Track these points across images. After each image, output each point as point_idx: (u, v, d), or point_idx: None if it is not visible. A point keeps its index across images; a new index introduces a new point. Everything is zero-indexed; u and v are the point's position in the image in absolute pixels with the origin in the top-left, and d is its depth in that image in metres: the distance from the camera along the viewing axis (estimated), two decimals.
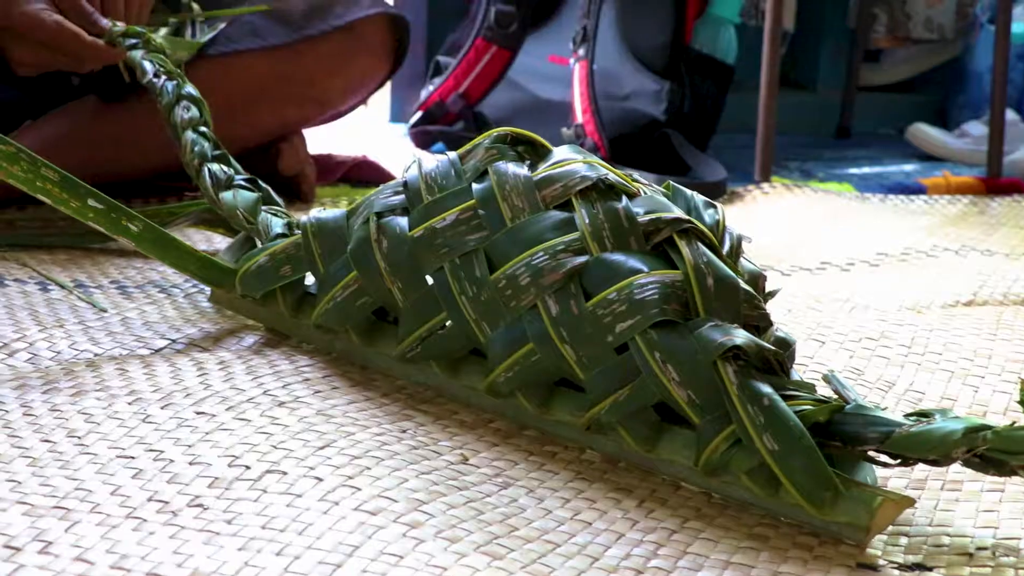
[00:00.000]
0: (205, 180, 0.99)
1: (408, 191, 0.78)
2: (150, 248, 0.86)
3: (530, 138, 0.77)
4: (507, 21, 1.83)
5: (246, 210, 0.93)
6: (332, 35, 1.38)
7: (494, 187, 0.73)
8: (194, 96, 1.05)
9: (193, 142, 1.01)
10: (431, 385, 0.77)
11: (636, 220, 0.70)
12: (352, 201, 1.45)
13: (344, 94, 1.44)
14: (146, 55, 1.09)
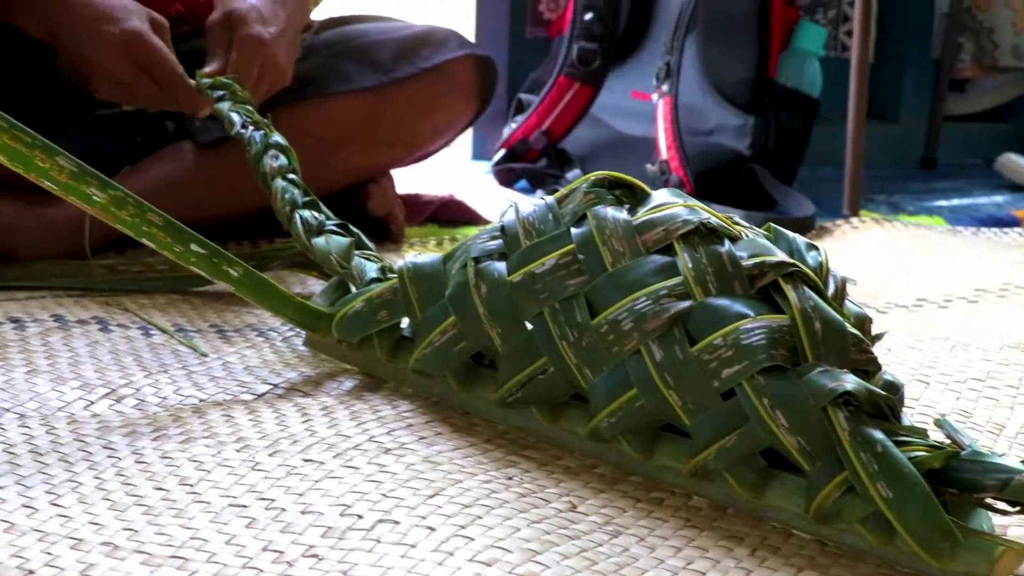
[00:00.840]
0: (297, 227, 1.00)
1: (506, 236, 0.78)
2: (249, 293, 0.88)
3: (628, 181, 0.77)
4: (590, 58, 1.84)
5: (339, 255, 0.94)
6: (421, 77, 1.40)
7: (593, 231, 0.73)
8: (281, 144, 1.07)
9: (283, 190, 1.02)
10: (531, 430, 0.77)
11: (740, 264, 0.69)
12: (441, 241, 1.48)
13: (433, 135, 1.46)
14: (233, 107, 1.11)
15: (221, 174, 1.31)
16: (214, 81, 1.15)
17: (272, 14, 1.23)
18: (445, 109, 1.44)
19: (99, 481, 0.67)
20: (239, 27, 1.20)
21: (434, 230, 1.52)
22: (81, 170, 0.80)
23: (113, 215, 0.81)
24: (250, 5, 1.21)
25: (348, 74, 1.37)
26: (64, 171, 0.79)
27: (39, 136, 0.79)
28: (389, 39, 1.41)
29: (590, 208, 0.74)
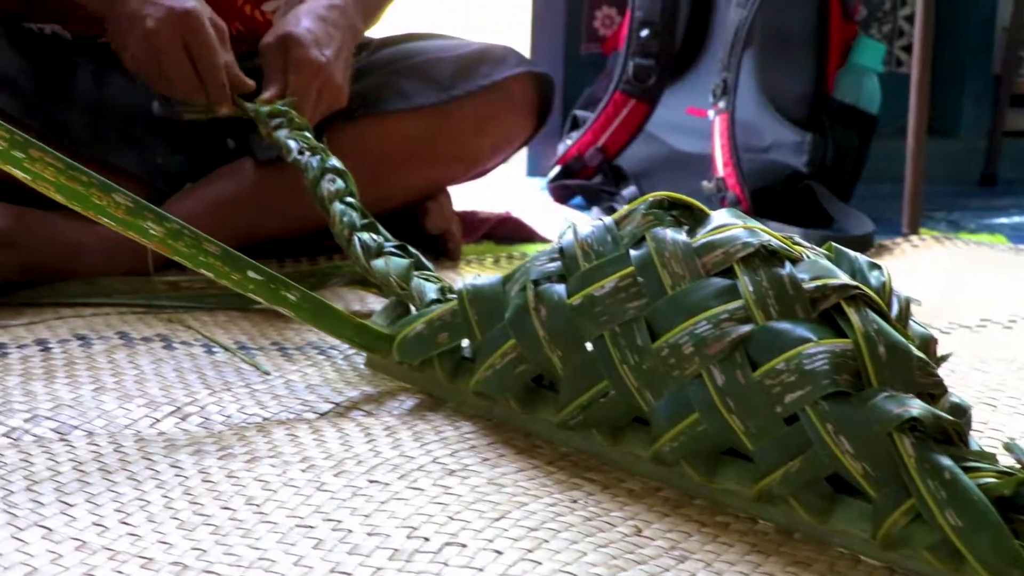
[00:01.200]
0: (356, 249, 1.01)
1: (564, 258, 0.78)
2: (308, 317, 0.88)
3: (687, 202, 0.77)
4: (645, 75, 1.84)
5: (398, 277, 0.95)
6: (479, 95, 1.40)
7: (653, 254, 0.73)
8: (338, 168, 1.08)
9: (341, 213, 1.04)
10: (592, 452, 0.77)
11: (801, 287, 0.69)
12: (497, 259, 1.48)
13: (490, 153, 1.46)
14: (290, 133, 1.13)
15: (281, 192, 1.32)
16: (271, 108, 1.16)
17: (327, 36, 1.25)
18: (503, 126, 1.45)
19: (167, 500, 0.68)
20: (295, 50, 1.21)
21: (491, 247, 1.52)
22: (137, 205, 0.81)
23: (171, 247, 0.83)
24: (305, 28, 1.23)
25: (407, 92, 1.38)
26: (120, 207, 0.81)
27: (94, 174, 0.80)
28: (447, 57, 1.42)
29: (649, 230, 0.74)
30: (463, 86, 1.40)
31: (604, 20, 2.06)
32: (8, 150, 0.78)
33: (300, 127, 1.15)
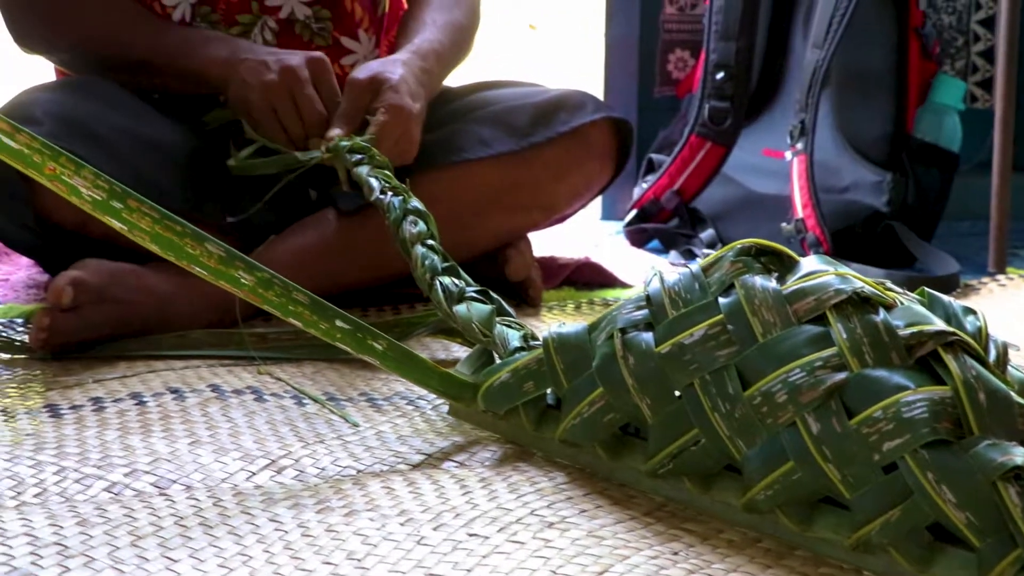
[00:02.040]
0: (438, 294, 1.01)
1: (651, 306, 0.78)
2: (394, 366, 0.89)
3: (775, 249, 0.77)
4: (721, 118, 1.83)
5: (481, 323, 0.95)
6: (558, 141, 1.41)
7: (742, 301, 0.73)
8: (420, 210, 1.09)
9: (423, 256, 1.04)
10: (682, 500, 0.77)
11: (897, 334, 0.68)
12: (578, 305, 1.48)
13: (570, 199, 1.47)
14: (372, 171, 1.13)
15: (363, 241, 1.34)
16: (353, 144, 1.17)
17: (417, 89, 1.28)
18: (582, 172, 1.45)
19: (268, 555, 0.69)
20: (388, 93, 1.24)
21: (571, 293, 1.52)
22: (229, 254, 0.83)
23: (261, 297, 0.84)
24: (401, 76, 1.26)
25: (487, 139, 1.40)
26: (213, 256, 0.82)
27: (188, 224, 0.82)
28: (526, 104, 1.43)
29: (738, 277, 0.74)
30: (542, 133, 1.41)
31: (677, 63, 2.06)
32: (107, 200, 0.80)
33: (381, 165, 1.16)
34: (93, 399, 1.01)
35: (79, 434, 0.92)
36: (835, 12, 1.71)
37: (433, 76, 1.35)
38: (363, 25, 1.49)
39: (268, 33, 1.44)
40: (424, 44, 1.34)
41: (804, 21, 1.86)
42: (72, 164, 0.80)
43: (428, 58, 1.33)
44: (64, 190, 0.80)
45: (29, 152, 0.79)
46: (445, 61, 1.37)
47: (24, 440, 0.91)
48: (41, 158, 0.79)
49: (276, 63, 1.25)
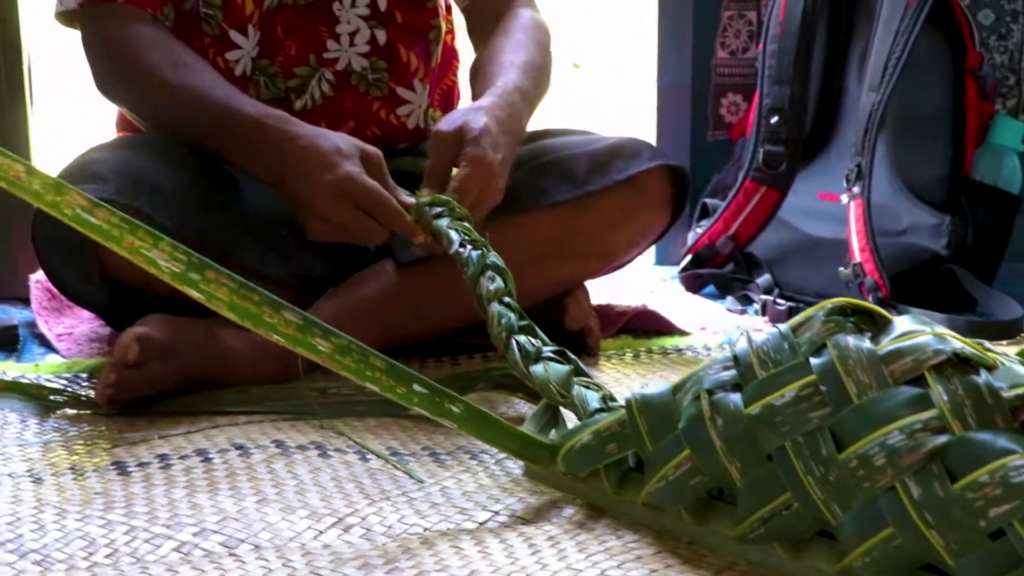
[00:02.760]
0: (514, 353, 1.00)
1: (739, 366, 0.76)
2: (471, 429, 0.88)
3: (868, 309, 0.75)
4: (776, 162, 1.82)
5: (559, 384, 0.94)
6: (615, 189, 1.40)
7: (836, 361, 0.71)
8: (498, 266, 1.08)
9: (500, 314, 1.03)
10: (771, 565, 0.75)
11: (1001, 396, 0.66)
12: (637, 354, 1.46)
13: (628, 247, 1.46)
14: (451, 224, 1.12)
15: (421, 293, 1.33)
16: (433, 198, 1.16)
17: (500, 140, 1.26)
18: (640, 220, 1.44)
19: None
20: (471, 146, 1.23)
21: (629, 341, 1.51)
22: (306, 322, 0.82)
23: (338, 363, 0.83)
24: (484, 125, 1.24)
25: (545, 189, 1.39)
26: (291, 324, 0.82)
27: (264, 292, 0.82)
28: (583, 152, 1.43)
29: (830, 337, 0.72)
30: (599, 181, 1.40)
31: (730, 107, 2.05)
32: (185, 272, 0.79)
33: (461, 217, 1.15)
34: (159, 456, 1.01)
35: (147, 492, 0.92)
36: (891, 55, 1.70)
37: (518, 119, 1.33)
38: (418, 75, 1.49)
39: (325, 85, 1.45)
40: (509, 86, 1.32)
41: (858, 64, 1.84)
42: (150, 237, 0.80)
43: (512, 101, 1.31)
44: (143, 262, 0.80)
45: (108, 227, 0.79)
46: (529, 101, 1.35)
47: (93, 499, 0.90)
48: (120, 232, 0.79)
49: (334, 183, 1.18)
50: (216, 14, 1.39)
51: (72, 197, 0.79)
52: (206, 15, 1.39)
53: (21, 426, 1.11)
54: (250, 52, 1.41)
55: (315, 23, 1.43)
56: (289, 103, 1.44)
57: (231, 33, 1.39)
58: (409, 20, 1.48)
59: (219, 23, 1.39)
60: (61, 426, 1.11)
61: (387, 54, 1.47)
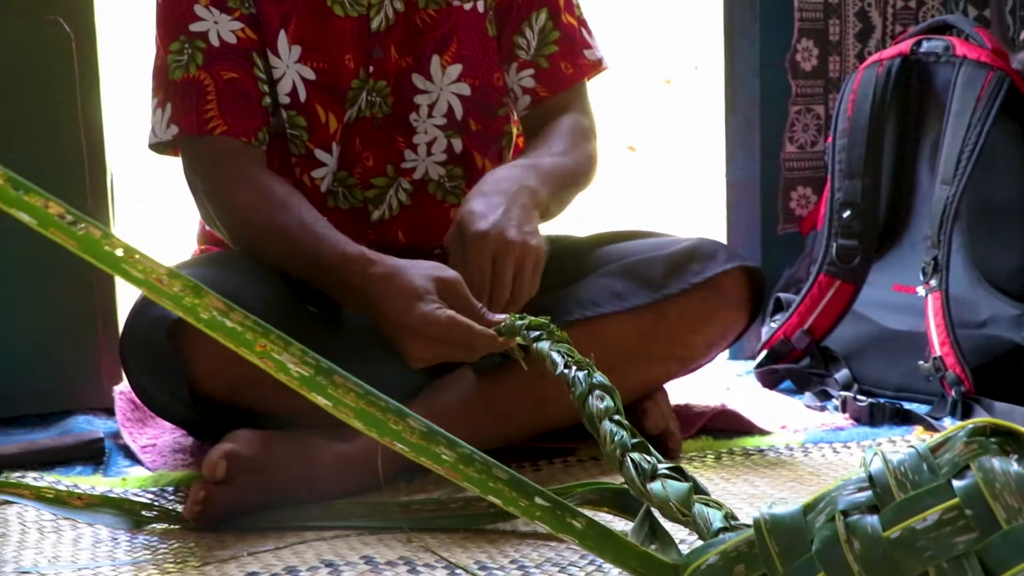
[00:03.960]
0: (630, 471, 0.98)
1: (875, 487, 0.74)
2: (593, 545, 0.86)
3: (1012, 430, 0.72)
4: (850, 256, 1.80)
5: (679, 502, 0.91)
6: (692, 292, 1.39)
7: (981, 485, 0.69)
8: (605, 385, 1.07)
9: (612, 433, 1.01)
10: None
11: None
12: (719, 456, 1.44)
13: (706, 349, 1.44)
14: (553, 346, 1.12)
15: (500, 400, 1.32)
16: (529, 321, 1.16)
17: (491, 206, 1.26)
18: (718, 322, 1.42)
19: None
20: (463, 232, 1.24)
21: (709, 443, 1.48)
22: (430, 431, 0.81)
23: (461, 473, 0.82)
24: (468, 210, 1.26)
25: (621, 293, 1.38)
26: (415, 432, 0.81)
27: (390, 400, 0.81)
28: (658, 256, 1.42)
29: (973, 459, 0.70)
30: (676, 285, 1.39)
31: (800, 200, 2.04)
32: (314, 376, 0.79)
33: (561, 339, 1.14)
34: (250, 574, 0.99)
35: None
36: (963, 148, 1.69)
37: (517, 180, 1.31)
38: None
39: (402, 194, 1.46)
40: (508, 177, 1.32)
41: (930, 155, 1.83)
42: (281, 341, 0.80)
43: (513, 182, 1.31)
44: (272, 367, 0.79)
45: (242, 330, 0.78)
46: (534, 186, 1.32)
47: None
48: (253, 336, 0.79)
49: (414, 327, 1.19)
50: (302, 134, 1.41)
51: (209, 300, 0.79)
52: (292, 136, 1.41)
53: (112, 544, 1.10)
54: (332, 167, 1.43)
55: (392, 134, 1.45)
56: (367, 213, 1.45)
57: (316, 152, 1.42)
58: (484, 127, 1.49)
59: (304, 143, 1.41)
60: (151, 543, 1.10)
61: (463, 161, 1.48)
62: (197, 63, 1.36)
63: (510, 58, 1.49)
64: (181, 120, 1.35)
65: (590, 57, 1.52)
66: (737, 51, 2.03)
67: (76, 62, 1.60)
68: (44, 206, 0.71)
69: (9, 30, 1.57)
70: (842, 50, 2.05)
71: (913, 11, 2.08)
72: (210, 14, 1.37)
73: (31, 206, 0.71)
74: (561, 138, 1.44)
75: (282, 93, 1.40)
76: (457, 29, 1.46)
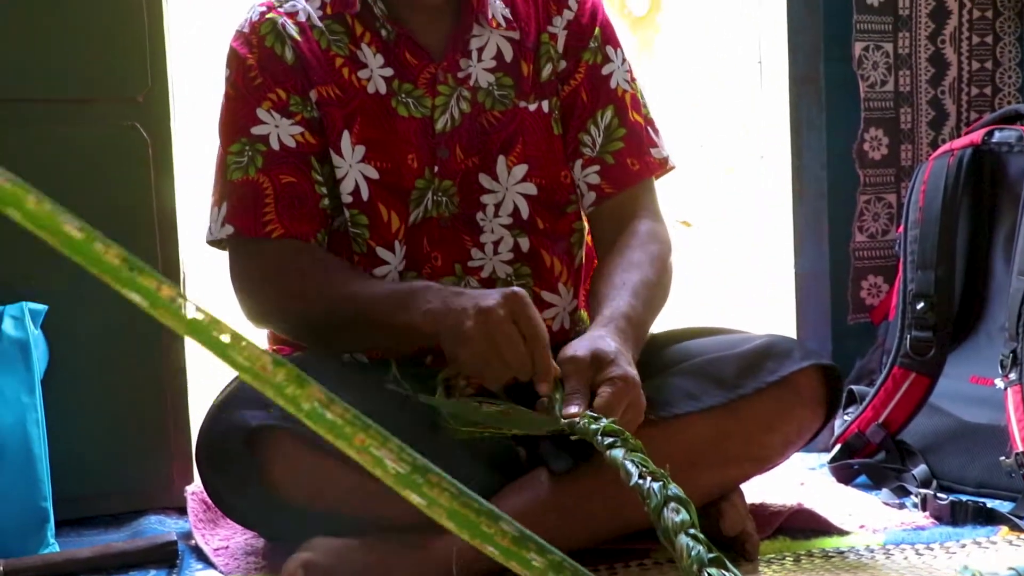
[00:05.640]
0: None
1: None
2: None
3: None
4: (925, 348, 1.77)
5: None
6: (767, 391, 1.37)
7: None
8: (681, 497, 1.05)
9: (688, 548, 1.00)
10: None
11: None
12: (797, 558, 1.40)
13: (782, 448, 1.42)
14: (627, 455, 1.11)
15: (576, 502, 1.31)
16: (605, 427, 1.15)
17: (630, 353, 1.27)
18: (794, 421, 1.40)
19: None
20: (610, 367, 1.22)
21: (787, 544, 1.45)
22: (522, 535, 0.80)
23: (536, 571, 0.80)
24: (615, 346, 1.25)
25: (695, 393, 1.37)
26: (507, 536, 0.79)
27: (483, 502, 0.80)
28: (731, 354, 1.40)
29: None
30: (750, 384, 1.37)
31: (871, 289, 2.02)
32: (410, 474, 0.78)
33: (635, 448, 1.13)
34: None
35: None
36: None
37: (640, 327, 1.34)
38: (562, 279, 1.50)
39: None
40: (617, 313, 1.33)
41: (1004, 245, 1.80)
42: (379, 436, 0.79)
43: (620, 327, 1.31)
44: (370, 461, 0.79)
45: (342, 423, 0.79)
46: (637, 323, 1.34)
47: None
48: (352, 430, 0.78)
49: (474, 309, 1.23)
50: (363, 232, 1.42)
51: (311, 391, 0.79)
52: (354, 234, 1.43)
53: None
54: (397, 266, 1.44)
55: (459, 233, 1.46)
56: None
57: (378, 250, 1.43)
58: (551, 226, 1.49)
59: (366, 241, 1.43)
60: None
61: (531, 260, 1.48)
62: (256, 165, 1.38)
63: (576, 155, 1.50)
64: (237, 220, 1.38)
65: (657, 155, 1.52)
66: (804, 142, 2.03)
67: (152, 165, 1.64)
68: (157, 288, 0.72)
69: (91, 136, 1.63)
70: (914, 138, 2.03)
71: (988, 98, 2.06)
72: (272, 118, 1.39)
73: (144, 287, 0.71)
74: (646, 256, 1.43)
75: (344, 192, 1.41)
76: (522, 129, 1.47)
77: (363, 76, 1.43)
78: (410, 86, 1.44)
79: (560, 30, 1.50)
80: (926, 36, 2.04)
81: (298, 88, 1.41)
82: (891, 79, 2.02)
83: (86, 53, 1.61)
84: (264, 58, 1.41)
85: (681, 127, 2.71)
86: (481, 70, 1.46)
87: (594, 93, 1.50)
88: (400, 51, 1.44)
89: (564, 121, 1.50)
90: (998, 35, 2.07)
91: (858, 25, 2.01)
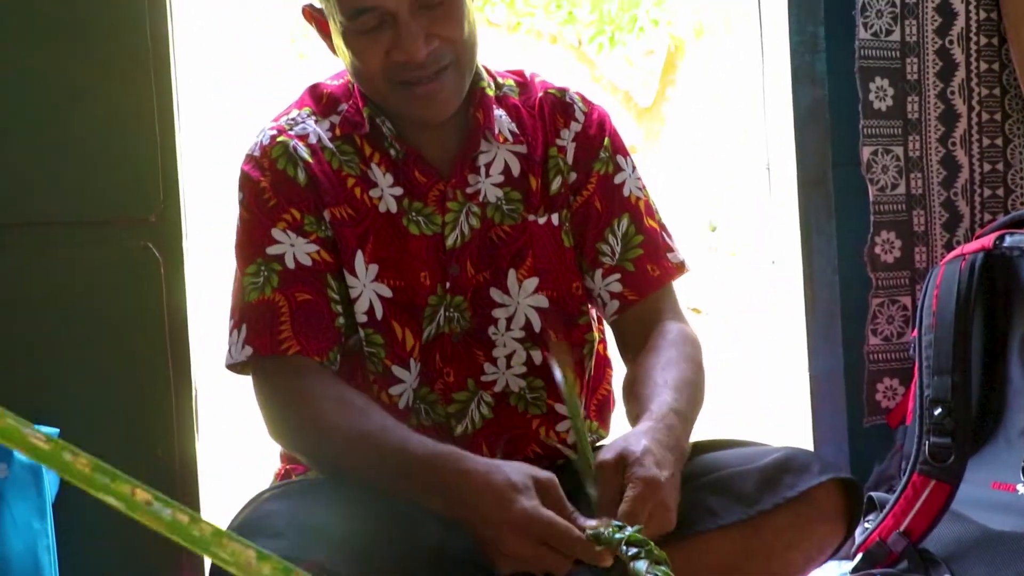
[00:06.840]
0: None
1: None
2: None
3: None
4: (944, 454, 1.75)
5: None
6: (787, 507, 1.35)
7: None
8: None
9: None
10: None
11: None
12: None
13: (804, 564, 1.39)
14: (650, 567, 1.09)
15: None
16: (628, 536, 1.14)
17: (664, 458, 1.24)
18: (815, 537, 1.38)
19: None
20: (634, 467, 1.20)
21: None
22: None
23: None
24: (644, 447, 1.23)
25: (714, 509, 1.34)
26: None
27: None
28: (750, 469, 1.38)
29: None
30: (769, 499, 1.35)
31: (887, 392, 2.00)
32: None
33: (659, 560, 1.11)
34: None
35: None
36: None
37: (678, 438, 1.30)
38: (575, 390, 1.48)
39: (484, 407, 1.45)
40: (664, 408, 1.31)
41: (1019, 349, 1.79)
42: None
43: (670, 423, 1.29)
44: None
45: None
46: (685, 419, 1.33)
47: None
48: None
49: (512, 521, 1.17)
50: (379, 351, 1.42)
51: None
52: (369, 353, 1.42)
53: None
54: (412, 384, 1.43)
55: (471, 348, 1.45)
56: (450, 429, 1.44)
57: (394, 368, 1.42)
58: (563, 338, 1.48)
59: (382, 360, 1.42)
60: None
61: (544, 373, 1.47)
62: (273, 285, 1.38)
63: (594, 264, 1.49)
64: (254, 341, 1.37)
65: (673, 260, 1.52)
66: (814, 248, 2.02)
67: (164, 284, 1.64)
68: (131, 493, 0.71)
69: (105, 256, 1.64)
70: (928, 240, 2.02)
71: (1001, 199, 2.05)
72: (287, 237, 1.40)
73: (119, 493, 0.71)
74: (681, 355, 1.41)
75: (359, 312, 1.41)
76: (532, 243, 1.47)
77: (374, 195, 1.44)
78: (420, 204, 1.44)
79: (568, 142, 1.51)
80: (936, 139, 2.04)
81: (312, 208, 1.41)
82: (902, 182, 2.02)
83: (98, 175, 1.63)
84: (277, 180, 1.42)
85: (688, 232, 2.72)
86: (489, 185, 1.47)
87: (608, 202, 1.51)
88: (409, 170, 1.45)
89: (579, 231, 1.50)
90: (1007, 137, 2.07)
91: (865, 130, 2.02)
